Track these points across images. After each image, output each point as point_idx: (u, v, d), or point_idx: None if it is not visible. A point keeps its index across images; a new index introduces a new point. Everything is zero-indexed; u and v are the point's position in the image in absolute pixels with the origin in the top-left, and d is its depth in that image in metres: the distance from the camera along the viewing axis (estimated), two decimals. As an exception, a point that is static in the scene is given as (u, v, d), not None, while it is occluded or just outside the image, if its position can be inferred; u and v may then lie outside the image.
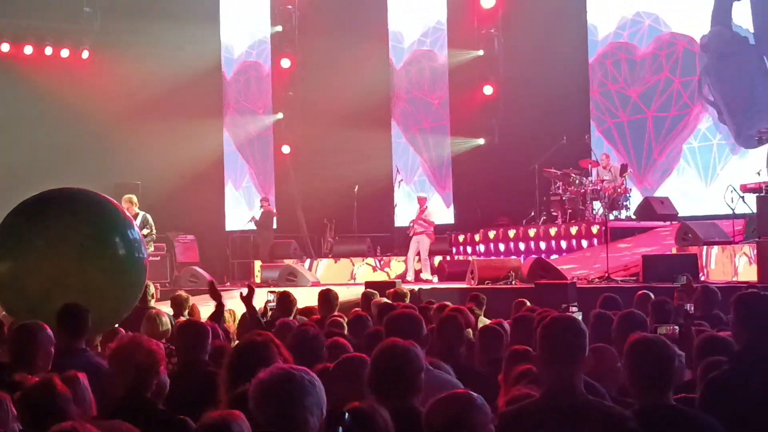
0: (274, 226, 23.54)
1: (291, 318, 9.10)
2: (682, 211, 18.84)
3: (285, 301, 9.57)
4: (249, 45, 28.10)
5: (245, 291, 8.74)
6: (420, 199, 20.18)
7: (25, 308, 8.58)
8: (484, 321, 9.27)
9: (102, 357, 6.85)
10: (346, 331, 7.99)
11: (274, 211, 23.40)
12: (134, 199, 16.96)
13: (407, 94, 25.61)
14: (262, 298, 12.22)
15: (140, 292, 9.55)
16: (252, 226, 23.46)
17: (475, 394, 3.81)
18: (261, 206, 23.34)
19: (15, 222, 9.08)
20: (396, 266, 20.70)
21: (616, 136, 21.62)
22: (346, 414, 3.74)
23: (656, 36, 21.03)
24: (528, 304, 9.90)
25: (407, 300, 11.14)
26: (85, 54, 25.86)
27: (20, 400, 4.22)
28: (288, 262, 21.49)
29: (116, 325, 8.99)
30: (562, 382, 4.26)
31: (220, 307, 8.91)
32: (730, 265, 14.67)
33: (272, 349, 4.83)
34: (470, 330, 7.75)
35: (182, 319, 9.54)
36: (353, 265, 21.20)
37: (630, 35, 21.41)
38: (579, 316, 7.65)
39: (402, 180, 23.52)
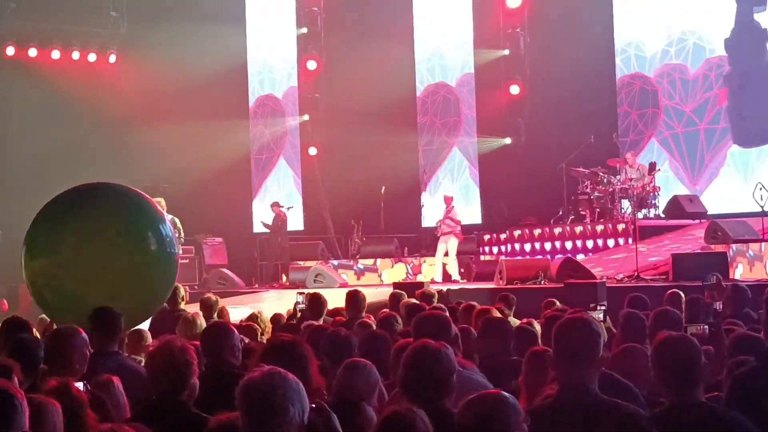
0: (288, 228, 23.46)
1: (320, 319, 9.11)
2: (723, 209, 18.86)
3: (315, 302, 9.58)
4: (274, 46, 28.06)
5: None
6: (446, 199, 20.13)
7: (61, 304, 8.68)
8: (513, 321, 9.24)
9: (132, 359, 6.91)
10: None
11: (286, 214, 23.31)
12: (162, 202, 17.03)
13: (432, 96, 25.57)
14: (291, 300, 12.28)
15: (171, 286, 9.60)
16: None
17: (507, 394, 3.80)
18: (273, 211, 23.29)
19: (48, 218, 9.14)
20: (428, 272, 20.64)
21: (673, 145, 21.63)
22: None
23: (705, 59, 21.22)
24: (558, 303, 9.87)
25: (435, 301, 11.12)
26: (113, 58, 26.01)
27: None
28: (315, 263, 21.50)
29: (143, 328, 9.03)
30: (574, 382, 4.28)
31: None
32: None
33: (302, 348, 4.86)
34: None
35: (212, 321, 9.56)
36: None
37: (676, 53, 21.66)
38: (601, 315, 7.63)
39: (428, 180, 23.48)
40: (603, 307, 9.42)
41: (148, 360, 4.99)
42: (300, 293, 10.36)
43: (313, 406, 3.90)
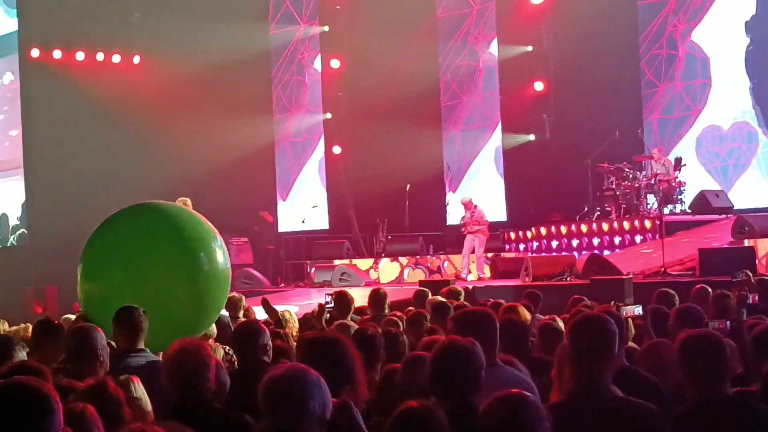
0: (313, 227, 23.41)
1: (348, 317, 9.11)
2: (753, 203, 18.75)
3: (342, 300, 9.58)
4: (296, 43, 28.04)
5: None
6: (466, 204, 19.71)
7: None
8: (538, 318, 9.21)
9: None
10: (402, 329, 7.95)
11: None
12: (188, 201, 17.04)
13: (453, 92, 25.56)
14: (318, 300, 12.26)
15: (224, 302, 9.47)
16: (304, 227, 23.49)
17: (528, 394, 3.81)
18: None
19: (101, 241, 8.97)
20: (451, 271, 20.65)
21: None
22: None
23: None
24: (585, 300, 9.82)
25: (461, 298, 11.08)
26: (137, 59, 26.11)
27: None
28: (340, 262, 21.54)
29: None
30: (586, 380, 4.32)
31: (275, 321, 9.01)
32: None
33: (342, 344, 4.88)
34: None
35: (239, 320, 9.58)
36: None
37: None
38: (638, 310, 7.59)
39: (453, 178, 23.44)
40: (630, 303, 9.37)
41: (164, 363, 5.02)
42: (328, 294, 10.37)
43: (335, 401, 3.91)
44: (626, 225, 18.97)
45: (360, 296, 11.18)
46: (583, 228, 19.86)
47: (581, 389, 4.29)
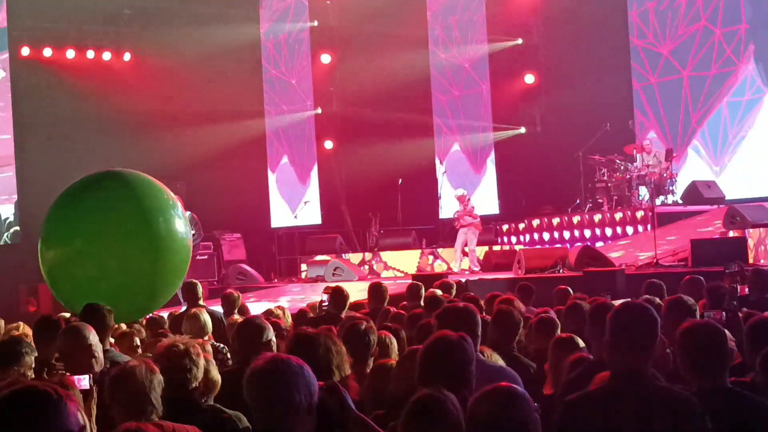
0: (306, 222, 23.35)
1: (343, 313, 9.12)
2: (730, 191, 18.73)
3: (338, 295, 9.58)
4: (285, 37, 28.03)
5: None
6: (459, 198, 19.85)
7: (76, 293, 8.85)
8: (531, 311, 9.24)
9: (124, 355, 6.97)
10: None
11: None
12: (179, 199, 17.07)
13: (441, 85, 25.58)
14: (316, 297, 12.29)
15: (184, 272, 9.72)
16: (297, 222, 23.46)
17: (517, 387, 3.79)
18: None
19: (60, 211, 9.35)
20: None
21: (644, 100, 21.37)
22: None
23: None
24: (571, 291, 9.88)
25: (454, 291, 11.12)
26: (127, 56, 26.05)
27: None
28: (332, 257, 21.54)
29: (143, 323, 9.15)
30: (632, 369, 4.26)
31: None
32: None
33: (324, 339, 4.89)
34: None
35: (234, 317, 9.59)
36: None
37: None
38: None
39: (445, 172, 23.46)
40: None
41: (154, 362, 5.05)
42: (326, 292, 10.41)
43: (322, 384, 3.92)
44: (618, 216, 19.02)
45: (355, 291, 11.21)
46: (576, 220, 19.90)
47: (627, 378, 4.24)
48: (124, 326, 8.74)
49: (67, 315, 9.25)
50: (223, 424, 4.89)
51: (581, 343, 6.11)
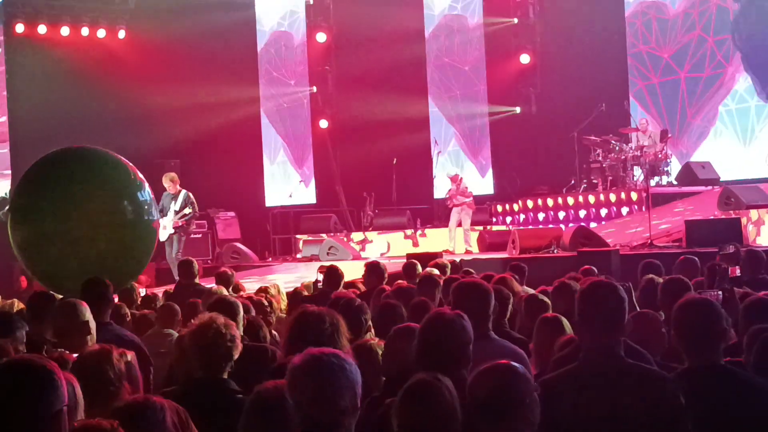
0: (301, 202, 23.36)
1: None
2: (721, 175, 18.75)
3: (333, 274, 9.58)
4: (280, 16, 27.98)
5: None
6: (452, 178, 19.84)
7: (48, 269, 9.46)
8: (526, 291, 9.23)
9: (123, 330, 6.99)
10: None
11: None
12: (175, 177, 17.08)
13: (437, 61, 25.52)
14: (312, 276, 12.29)
15: (151, 251, 10.17)
16: (291, 201, 23.40)
17: (517, 365, 3.77)
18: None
19: (28, 189, 9.54)
20: (433, 238, 20.59)
21: (648, 98, 21.45)
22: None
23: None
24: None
25: (448, 271, 11.11)
26: (122, 33, 25.93)
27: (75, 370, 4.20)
28: (327, 236, 21.52)
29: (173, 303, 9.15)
30: (601, 347, 4.26)
31: None
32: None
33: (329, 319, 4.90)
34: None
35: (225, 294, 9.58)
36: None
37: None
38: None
39: (440, 152, 23.46)
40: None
41: (192, 337, 4.98)
42: (320, 271, 10.39)
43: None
44: (612, 197, 19.03)
45: (349, 270, 11.19)
46: (570, 200, 19.92)
47: (597, 356, 4.25)
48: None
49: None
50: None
51: (567, 324, 6.07)
